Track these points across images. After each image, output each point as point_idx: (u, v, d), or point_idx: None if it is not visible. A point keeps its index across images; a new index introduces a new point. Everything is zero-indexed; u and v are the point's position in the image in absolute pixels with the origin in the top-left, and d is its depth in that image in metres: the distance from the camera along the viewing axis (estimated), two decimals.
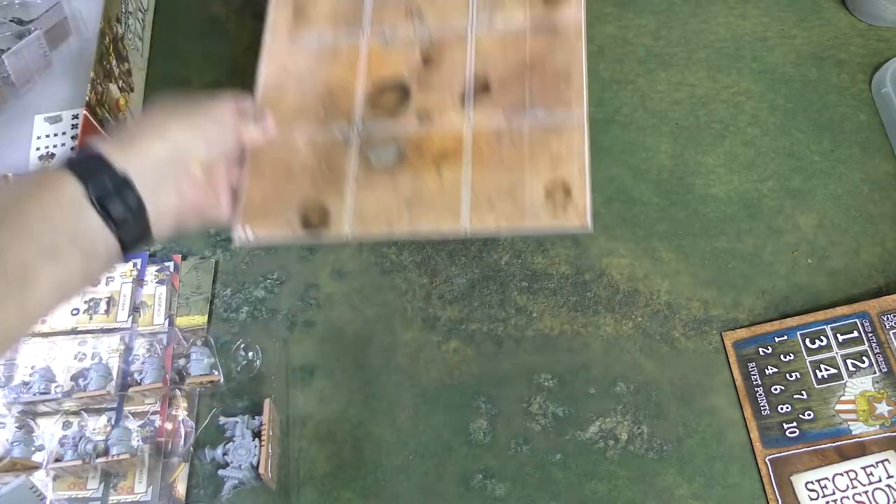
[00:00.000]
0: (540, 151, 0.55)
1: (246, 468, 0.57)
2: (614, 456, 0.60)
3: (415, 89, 0.59)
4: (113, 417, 0.61)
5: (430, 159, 0.56)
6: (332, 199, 0.55)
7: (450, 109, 0.57)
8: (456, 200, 0.54)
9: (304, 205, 0.56)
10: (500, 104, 0.57)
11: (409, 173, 0.55)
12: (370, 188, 0.56)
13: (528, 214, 0.53)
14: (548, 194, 0.53)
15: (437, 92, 0.58)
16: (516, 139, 0.56)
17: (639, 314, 0.66)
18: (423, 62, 0.60)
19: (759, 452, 0.59)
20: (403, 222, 0.54)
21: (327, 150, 0.57)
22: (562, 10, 0.60)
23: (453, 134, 0.57)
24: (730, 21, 0.82)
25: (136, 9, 0.79)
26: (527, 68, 0.58)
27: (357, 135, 0.58)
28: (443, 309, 0.66)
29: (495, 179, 0.55)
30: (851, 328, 0.62)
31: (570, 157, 0.54)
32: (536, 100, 0.57)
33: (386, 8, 0.62)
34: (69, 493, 0.58)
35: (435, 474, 0.60)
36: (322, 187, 0.56)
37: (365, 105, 0.59)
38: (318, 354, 0.65)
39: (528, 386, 0.63)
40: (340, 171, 0.56)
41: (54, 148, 0.67)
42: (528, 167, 0.54)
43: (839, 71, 0.78)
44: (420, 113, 0.58)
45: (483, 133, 0.56)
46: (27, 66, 0.69)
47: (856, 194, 0.71)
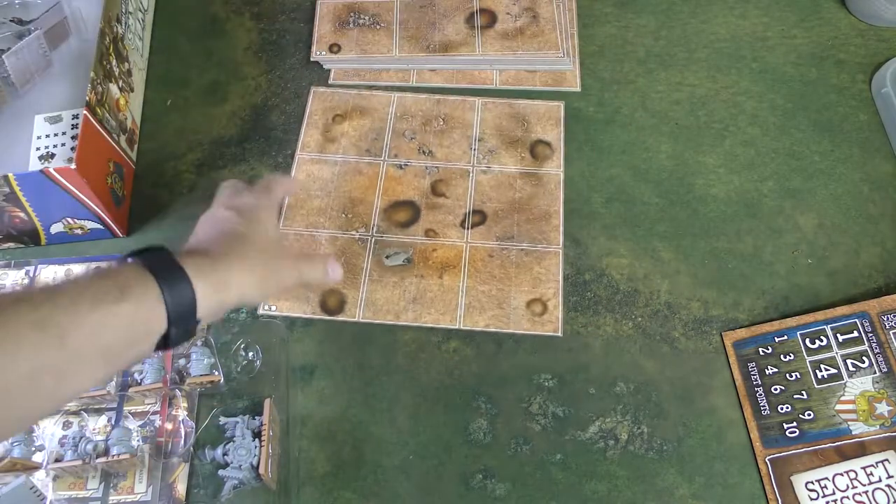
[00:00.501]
0: (523, 272, 0.68)
1: (246, 468, 0.57)
2: (614, 456, 0.60)
3: (424, 210, 0.71)
4: (113, 417, 0.61)
5: (433, 267, 0.68)
6: (348, 290, 0.67)
7: (451, 230, 0.70)
8: (453, 302, 0.66)
9: (325, 292, 0.67)
10: (492, 232, 0.70)
11: (416, 276, 0.67)
12: (381, 284, 0.67)
13: (512, 320, 0.65)
14: (528, 306, 0.66)
15: (442, 215, 0.71)
16: (505, 260, 0.68)
17: (639, 314, 0.66)
18: (432, 190, 0.72)
19: (759, 452, 0.59)
20: (408, 315, 0.66)
21: (346, 248, 0.69)
22: (546, 164, 0.74)
23: (454, 249, 0.69)
24: (730, 21, 0.83)
25: (136, 9, 0.79)
26: (516, 206, 0.71)
27: (372, 239, 0.69)
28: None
29: (486, 290, 0.67)
30: (851, 328, 0.62)
31: (547, 280, 0.67)
32: (523, 233, 0.70)
33: (402, 144, 0.75)
34: (69, 493, 0.58)
35: (435, 474, 0.60)
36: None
37: (381, 216, 0.71)
38: (318, 354, 0.65)
39: (528, 386, 0.63)
40: (357, 267, 0.68)
41: (54, 148, 0.67)
42: (514, 283, 0.67)
43: (839, 71, 0.78)
44: (427, 229, 0.70)
45: (478, 252, 0.69)
46: (27, 66, 0.69)
47: (856, 194, 0.71)
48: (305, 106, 0.77)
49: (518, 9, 0.79)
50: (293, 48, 0.82)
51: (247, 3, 0.86)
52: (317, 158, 0.74)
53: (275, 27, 0.84)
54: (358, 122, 0.76)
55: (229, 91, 0.79)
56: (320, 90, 0.78)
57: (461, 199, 0.72)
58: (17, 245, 0.70)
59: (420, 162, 0.74)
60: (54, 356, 0.35)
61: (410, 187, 0.72)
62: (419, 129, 0.76)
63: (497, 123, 0.76)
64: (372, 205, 0.71)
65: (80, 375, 0.37)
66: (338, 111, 0.77)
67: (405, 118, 0.76)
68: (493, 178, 0.73)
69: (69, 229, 0.68)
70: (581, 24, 0.82)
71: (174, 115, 0.78)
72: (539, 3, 0.80)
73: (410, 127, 0.76)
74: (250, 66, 0.81)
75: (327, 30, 0.79)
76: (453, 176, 0.73)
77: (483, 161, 0.74)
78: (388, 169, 0.73)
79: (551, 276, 0.67)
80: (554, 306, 0.66)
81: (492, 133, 0.75)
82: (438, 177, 0.73)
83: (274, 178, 0.55)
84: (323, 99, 0.78)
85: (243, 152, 0.75)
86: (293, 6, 0.85)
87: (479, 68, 0.79)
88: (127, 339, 0.38)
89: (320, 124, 0.76)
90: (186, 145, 0.76)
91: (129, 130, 0.74)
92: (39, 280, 0.66)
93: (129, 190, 0.72)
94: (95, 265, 0.51)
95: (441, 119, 0.76)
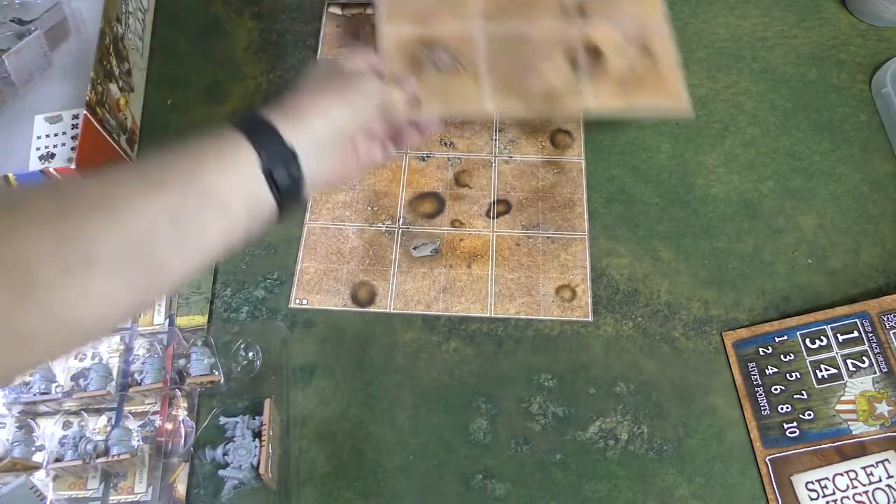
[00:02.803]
0: (551, 259, 0.68)
1: (246, 468, 0.57)
2: (614, 456, 0.60)
3: (448, 201, 0.71)
4: (113, 417, 0.61)
5: (461, 256, 0.68)
6: (378, 281, 0.67)
7: (477, 220, 0.70)
8: (483, 291, 0.67)
9: (354, 284, 0.68)
10: (518, 220, 0.70)
11: (444, 266, 0.68)
12: (410, 275, 0.68)
13: (542, 307, 0.66)
14: (557, 292, 0.67)
15: (467, 205, 0.71)
16: (532, 248, 0.69)
17: (639, 314, 0.66)
18: (455, 181, 0.73)
19: (759, 452, 0.59)
20: (439, 305, 0.66)
21: (373, 240, 0.70)
22: (567, 153, 0.74)
23: (481, 239, 0.69)
24: (730, 21, 0.83)
25: (136, 9, 0.79)
26: (539, 195, 0.71)
27: (399, 231, 0.70)
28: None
29: (515, 277, 0.67)
30: (851, 328, 0.62)
31: (574, 266, 0.68)
32: (548, 221, 0.70)
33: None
34: (69, 493, 0.58)
35: (435, 474, 0.60)
36: (369, 270, 0.68)
37: (406, 208, 0.71)
38: (318, 354, 0.65)
39: (528, 386, 0.63)
40: (385, 258, 0.69)
41: (54, 148, 0.67)
42: (542, 270, 0.68)
43: (839, 71, 0.78)
44: (453, 220, 0.70)
45: (505, 241, 0.69)
46: (27, 66, 0.69)
47: (856, 194, 0.71)
48: None
49: (629, 46, 0.65)
50: (293, 48, 0.82)
51: (247, 3, 0.86)
52: None
53: (275, 27, 0.84)
54: None
55: (229, 91, 0.79)
56: None
57: (485, 188, 0.72)
58: None
59: (442, 153, 0.74)
60: (159, 203, 0.36)
61: (434, 179, 0.73)
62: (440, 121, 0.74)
63: None
64: (397, 197, 0.72)
65: (194, 221, 0.38)
66: None
67: None
68: (515, 168, 0.73)
69: None
70: None
71: (174, 115, 0.78)
72: (653, 39, 0.64)
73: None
74: (250, 66, 0.81)
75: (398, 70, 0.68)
76: (476, 166, 0.74)
77: (504, 151, 0.74)
78: (410, 161, 0.74)
79: (578, 263, 0.68)
80: (582, 292, 0.67)
81: (511, 123, 0.75)
82: (461, 167, 0.74)
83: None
84: None
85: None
86: (293, 6, 0.85)
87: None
88: (225, 179, 0.40)
89: None
90: None
91: (130, 130, 0.74)
92: None
93: None
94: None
95: None
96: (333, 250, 0.69)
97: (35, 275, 0.32)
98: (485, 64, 0.61)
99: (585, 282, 0.67)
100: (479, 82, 0.59)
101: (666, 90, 0.61)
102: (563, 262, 0.68)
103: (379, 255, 0.69)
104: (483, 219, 0.70)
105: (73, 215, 0.34)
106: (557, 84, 0.60)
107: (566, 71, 0.61)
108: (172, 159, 0.39)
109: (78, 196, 0.35)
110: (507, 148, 0.74)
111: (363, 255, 0.69)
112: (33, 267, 0.32)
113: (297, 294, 0.67)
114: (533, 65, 0.61)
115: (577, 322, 0.65)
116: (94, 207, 0.34)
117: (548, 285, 0.67)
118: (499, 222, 0.70)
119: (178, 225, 0.37)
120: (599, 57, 0.62)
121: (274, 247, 0.70)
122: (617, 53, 0.62)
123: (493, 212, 0.71)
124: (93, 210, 0.34)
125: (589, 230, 0.70)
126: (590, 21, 0.63)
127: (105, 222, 0.34)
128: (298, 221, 0.71)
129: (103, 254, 0.34)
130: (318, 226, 0.71)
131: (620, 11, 0.65)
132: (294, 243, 0.70)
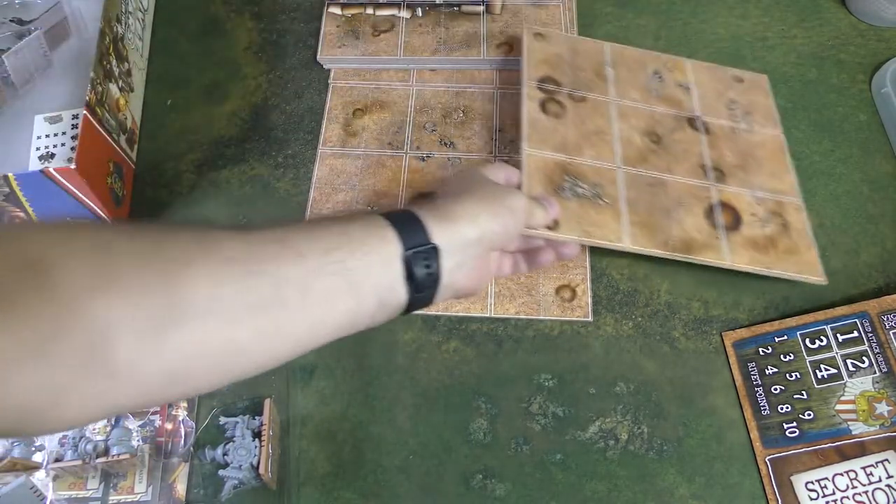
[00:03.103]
0: None
1: (246, 468, 0.57)
2: (614, 456, 0.60)
3: None
4: (113, 417, 0.61)
5: None
6: None
7: None
8: (483, 291, 0.66)
9: None
10: None
11: None
12: None
13: (542, 307, 0.66)
14: (557, 292, 0.67)
15: None
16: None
17: (639, 314, 0.66)
18: None
19: (759, 452, 0.59)
20: (438, 305, 0.62)
21: None
22: None
23: None
24: (730, 21, 0.83)
25: (136, 9, 0.79)
26: None
27: None
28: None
29: (514, 278, 0.66)
30: (851, 328, 0.62)
31: (575, 266, 0.68)
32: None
33: (423, 136, 0.75)
34: (69, 493, 0.58)
35: (435, 474, 0.60)
36: None
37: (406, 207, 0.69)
38: (318, 354, 0.65)
39: (528, 386, 0.63)
40: None
41: (54, 148, 0.67)
42: (542, 270, 0.67)
43: (839, 71, 0.78)
44: None
45: None
46: (27, 66, 0.69)
47: (856, 194, 0.71)
48: (325, 101, 0.78)
49: (764, 211, 0.67)
50: (293, 48, 0.82)
51: (247, 3, 0.86)
52: (339, 153, 0.74)
53: (275, 27, 0.84)
54: (378, 115, 0.77)
55: (229, 91, 0.79)
56: (339, 84, 0.79)
57: None
58: None
59: (442, 153, 0.74)
60: (293, 270, 0.37)
61: (434, 179, 0.73)
62: (439, 122, 0.76)
63: (515, 113, 0.75)
64: (397, 197, 0.72)
65: (322, 294, 0.38)
66: (358, 105, 0.77)
67: (425, 111, 0.77)
68: None
69: None
70: (581, 24, 0.82)
71: (174, 115, 0.78)
72: (786, 208, 0.67)
73: (431, 119, 0.76)
74: (250, 66, 0.81)
75: (538, 196, 0.64)
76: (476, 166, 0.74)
77: (504, 151, 0.74)
78: (410, 161, 0.74)
79: (578, 263, 0.68)
80: (582, 292, 0.67)
81: (511, 123, 0.76)
82: (461, 168, 0.74)
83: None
84: (342, 94, 0.78)
85: (243, 152, 0.75)
86: (293, 6, 0.85)
87: (479, 68, 0.79)
88: (363, 262, 0.40)
89: (341, 119, 0.77)
90: (186, 145, 0.76)
91: (129, 130, 0.74)
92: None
93: (129, 190, 0.72)
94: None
95: (461, 111, 0.77)
96: None
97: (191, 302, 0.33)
98: (625, 201, 0.64)
99: (585, 282, 0.67)
100: (619, 217, 0.62)
101: (801, 260, 0.64)
102: (562, 262, 0.68)
103: None
104: None
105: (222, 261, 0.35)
106: (695, 235, 0.63)
107: (704, 225, 0.64)
108: (315, 232, 0.40)
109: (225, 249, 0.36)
110: (507, 148, 0.74)
111: None
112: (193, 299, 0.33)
113: None
114: (671, 211, 0.64)
115: (577, 322, 0.65)
116: (235, 262, 0.36)
117: (548, 285, 0.67)
118: None
119: (308, 295, 0.38)
120: (736, 218, 0.65)
121: None
122: (752, 218, 0.66)
123: None
124: (238, 265, 0.36)
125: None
126: (727, 183, 0.67)
127: (244, 276, 0.35)
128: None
129: (236, 305, 0.35)
130: None
131: (755, 178, 0.69)
132: None
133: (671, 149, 0.69)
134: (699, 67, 0.77)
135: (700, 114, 0.72)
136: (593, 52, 0.75)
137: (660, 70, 0.75)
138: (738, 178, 0.68)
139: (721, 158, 0.69)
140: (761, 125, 0.73)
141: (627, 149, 0.68)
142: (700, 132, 0.71)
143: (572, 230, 0.60)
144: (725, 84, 0.76)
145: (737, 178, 0.68)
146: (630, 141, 0.68)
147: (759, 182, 0.68)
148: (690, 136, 0.70)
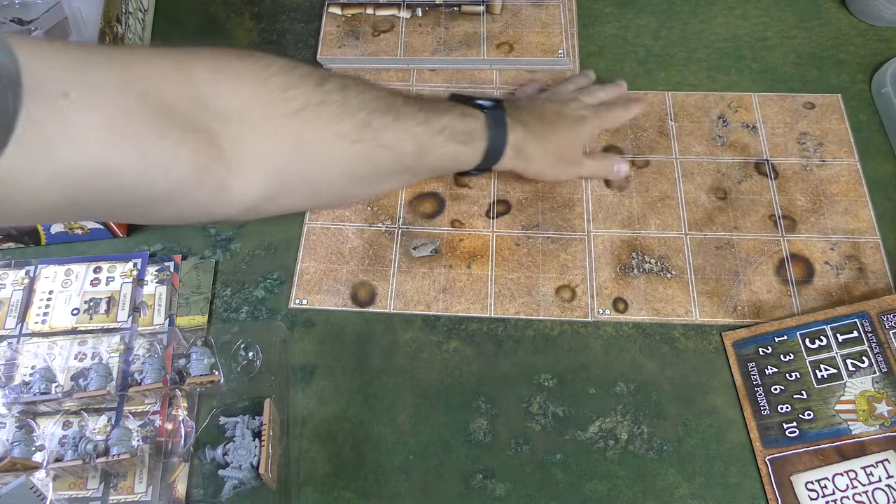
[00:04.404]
0: (550, 259, 0.68)
1: (246, 468, 0.57)
2: (614, 456, 0.60)
3: (448, 201, 0.71)
4: (113, 417, 0.61)
5: (461, 256, 0.68)
6: (378, 281, 0.67)
7: (477, 220, 0.70)
8: (483, 291, 0.67)
9: (354, 284, 0.67)
10: (518, 220, 0.70)
11: (444, 266, 0.68)
12: (411, 275, 0.68)
13: (542, 307, 0.66)
14: (557, 292, 0.66)
15: (467, 205, 0.71)
16: (531, 248, 0.68)
17: None
18: (455, 181, 0.73)
19: (759, 452, 0.59)
20: (439, 305, 0.66)
21: (373, 240, 0.70)
22: None
23: (480, 239, 0.69)
24: (730, 21, 0.83)
25: (136, 9, 0.79)
26: (539, 195, 0.71)
27: (399, 231, 0.70)
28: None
29: (515, 278, 0.67)
30: (851, 328, 0.62)
31: (574, 266, 0.68)
32: (547, 221, 0.70)
33: None
34: (69, 493, 0.58)
35: (435, 474, 0.60)
36: (369, 271, 0.68)
37: (406, 208, 0.71)
38: (318, 354, 0.65)
39: (528, 386, 0.63)
40: (385, 258, 0.69)
41: None
42: (541, 270, 0.67)
43: (839, 71, 0.78)
44: (453, 220, 0.70)
45: (504, 241, 0.69)
46: None
47: None
48: None
49: (838, 257, 0.66)
50: (293, 48, 0.82)
51: (247, 3, 0.86)
52: None
53: (275, 27, 0.84)
54: None
55: None
56: None
57: (485, 189, 0.72)
58: (17, 245, 0.70)
59: None
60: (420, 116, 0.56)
61: (433, 179, 0.73)
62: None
63: None
64: (397, 197, 0.72)
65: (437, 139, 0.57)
66: None
67: None
68: None
69: (69, 229, 0.68)
70: (581, 24, 0.82)
71: None
72: (863, 249, 0.66)
73: None
74: None
75: (607, 277, 0.66)
76: None
77: None
78: None
79: (578, 263, 0.68)
80: (582, 292, 0.66)
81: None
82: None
83: (627, 103, 0.70)
84: None
85: None
86: (293, 6, 0.85)
87: (479, 68, 0.79)
88: (464, 122, 0.59)
89: None
90: None
91: None
92: None
93: None
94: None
95: None
96: (333, 250, 0.69)
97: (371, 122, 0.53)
98: (692, 270, 0.65)
99: (585, 282, 0.67)
100: (687, 289, 0.64)
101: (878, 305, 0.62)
102: (562, 263, 0.68)
103: (379, 256, 0.69)
104: (483, 219, 0.70)
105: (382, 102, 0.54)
106: (765, 297, 0.64)
107: (774, 283, 0.64)
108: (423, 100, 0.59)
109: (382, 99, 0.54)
110: None
111: (363, 256, 0.69)
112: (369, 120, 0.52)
113: (297, 294, 0.67)
114: (740, 273, 0.65)
115: (576, 322, 0.65)
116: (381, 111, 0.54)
117: (548, 285, 0.67)
118: (498, 222, 0.70)
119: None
120: (808, 269, 0.65)
121: (274, 247, 0.70)
122: (826, 267, 0.65)
123: (493, 212, 0.71)
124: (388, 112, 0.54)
125: (588, 230, 0.69)
126: (798, 232, 0.66)
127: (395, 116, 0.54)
128: (298, 221, 0.71)
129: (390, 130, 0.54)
130: (318, 226, 0.71)
131: (830, 221, 0.67)
132: (294, 243, 0.70)
133: (738, 202, 0.69)
134: (766, 100, 0.75)
135: (768, 157, 0.71)
136: (654, 105, 0.75)
137: (724, 113, 0.74)
138: (809, 224, 0.67)
139: (791, 204, 0.68)
140: (834, 156, 0.71)
141: (693, 211, 0.68)
142: (768, 177, 0.70)
143: (641, 308, 0.64)
144: (795, 114, 0.74)
145: (808, 223, 0.67)
146: (696, 202, 0.69)
147: (833, 224, 0.67)
148: (758, 184, 0.70)
